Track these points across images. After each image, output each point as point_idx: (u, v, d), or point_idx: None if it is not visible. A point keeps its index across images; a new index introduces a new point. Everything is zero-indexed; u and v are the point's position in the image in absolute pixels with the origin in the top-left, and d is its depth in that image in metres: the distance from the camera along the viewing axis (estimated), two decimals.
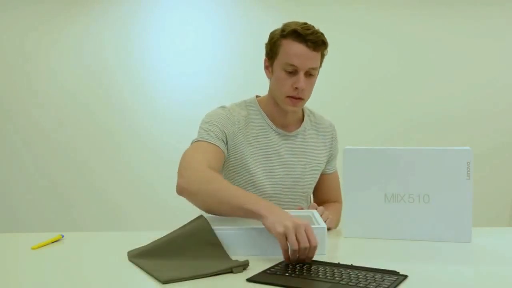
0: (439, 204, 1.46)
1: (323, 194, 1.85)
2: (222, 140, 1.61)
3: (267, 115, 1.71)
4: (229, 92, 1.92)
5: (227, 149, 1.63)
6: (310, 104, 1.89)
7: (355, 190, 1.51)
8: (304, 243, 1.18)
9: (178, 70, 3.67)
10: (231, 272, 1.13)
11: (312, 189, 1.80)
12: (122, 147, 3.67)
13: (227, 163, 1.67)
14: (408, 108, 3.71)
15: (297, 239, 1.19)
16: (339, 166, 1.55)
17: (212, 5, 3.69)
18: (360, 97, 3.71)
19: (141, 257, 1.25)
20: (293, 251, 1.20)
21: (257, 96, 1.77)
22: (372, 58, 3.70)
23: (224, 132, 1.62)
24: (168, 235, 1.32)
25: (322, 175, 1.82)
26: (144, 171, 3.62)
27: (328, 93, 3.65)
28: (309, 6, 3.66)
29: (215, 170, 1.51)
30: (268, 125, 1.70)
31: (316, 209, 1.56)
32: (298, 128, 1.75)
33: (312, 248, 1.20)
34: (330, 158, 1.83)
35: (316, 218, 1.44)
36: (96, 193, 3.66)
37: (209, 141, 1.58)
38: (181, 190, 1.44)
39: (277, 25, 1.69)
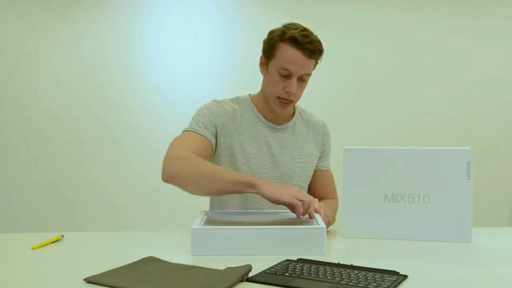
0: (439, 204, 1.46)
1: (318, 191, 1.86)
2: (211, 131, 1.67)
3: (257, 110, 1.76)
4: (230, 92, 1.91)
5: (216, 139, 1.69)
6: (309, 105, 1.89)
7: (355, 190, 1.51)
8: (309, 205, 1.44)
9: (179, 71, 3.67)
10: (242, 280, 1.09)
11: (306, 183, 1.81)
12: (122, 147, 3.67)
13: (217, 153, 1.71)
14: (408, 108, 3.71)
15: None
16: (339, 166, 1.55)
17: (212, 5, 3.69)
18: (359, 97, 3.71)
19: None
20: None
21: (250, 95, 1.82)
22: (371, 58, 3.70)
23: (214, 123, 1.68)
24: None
25: (316, 171, 1.84)
26: (144, 171, 3.62)
27: (328, 93, 3.66)
28: (309, 7, 3.66)
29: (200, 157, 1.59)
30: (258, 117, 1.75)
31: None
32: (287, 122, 1.79)
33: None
34: (323, 155, 1.85)
35: (316, 218, 1.44)
36: (96, 193, 3.66)
37: (197, 131, 1.65)
38: (169, 177, 1.53)
39: (277, 25, 1.69)
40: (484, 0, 3.71)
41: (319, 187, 1.85)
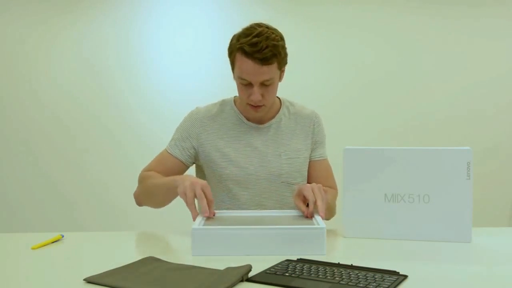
0: (439, 204, 1.46)
1: (314, 182, 1.81)
2: (182, 147, 1.75)
3: (240, 112, 1.76)
4: (230, 93, 1.91)
5: (195, 149, 1.74)
6: (309, 105, 1.89)
7: (355, 190, 1.51)
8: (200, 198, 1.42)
9: (179, 71, 3.67)
10: (242, 280, 1.09)
11: (296, 179, 1.76)
12: (122, 147, 3.67)
13: (201, 162, 1.76)
14: (408, 108, 3.71)
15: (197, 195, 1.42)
16: (339, 166, 1.55)
17: (212, 5, 3.69)
18: (360, 97, 3.71)
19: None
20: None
21: (235, 97, 1.82)
22: (371, 58, 3.70)
23: (187, 136, 1.75)
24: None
25: (310, 162, 1.81)
26: None
27: (328, 93, 3.66)
28: (309, 7, 3.66)
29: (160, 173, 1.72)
30: (240, 119, 1.76)
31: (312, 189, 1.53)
32: (271, 120, 1.77)
33: (210, 202, 1.44)
34: (315, 145, 1.81)
35: (315, 218, 1.44)
36: (96, 193, 3.66)
37: (168, 150, 1.77)
38: (138, 204, 1.80)
39: (277, 25, 1.69)
40: (484, 0, 3.71)
41: (314, 178, 1.80)
